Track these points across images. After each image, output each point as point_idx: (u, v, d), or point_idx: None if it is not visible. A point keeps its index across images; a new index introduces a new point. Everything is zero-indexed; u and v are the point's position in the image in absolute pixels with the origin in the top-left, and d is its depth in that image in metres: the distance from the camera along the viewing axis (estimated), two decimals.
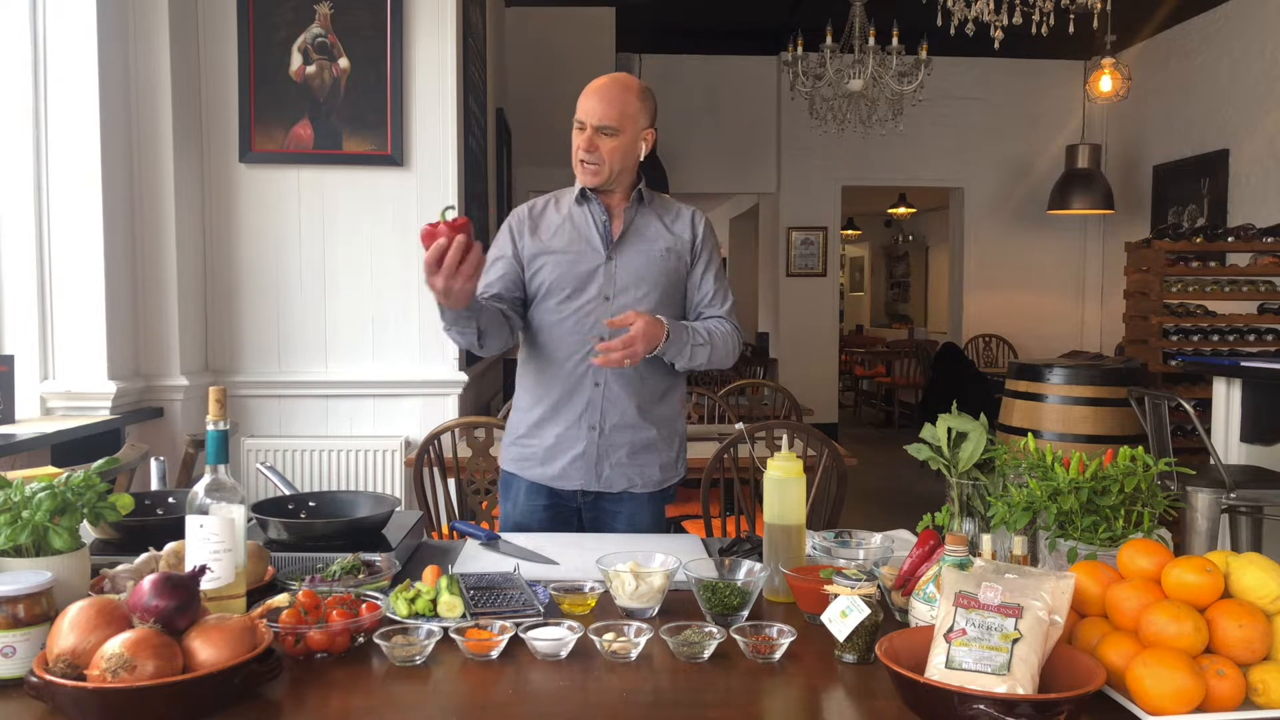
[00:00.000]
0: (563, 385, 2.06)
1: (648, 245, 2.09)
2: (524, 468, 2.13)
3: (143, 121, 3.34)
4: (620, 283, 2.05)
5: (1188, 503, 3.46)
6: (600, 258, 2.06)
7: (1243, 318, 5.34)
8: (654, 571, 1.44)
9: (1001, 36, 4.91)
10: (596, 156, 2.01)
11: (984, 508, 1.44)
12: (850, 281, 15.88)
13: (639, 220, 2.11)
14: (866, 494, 6.65)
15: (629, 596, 1.41)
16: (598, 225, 2.08)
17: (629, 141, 2.03)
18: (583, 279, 2.05)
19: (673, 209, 2.17)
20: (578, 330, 2.04)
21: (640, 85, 2.07)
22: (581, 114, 2.01)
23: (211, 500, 1.26)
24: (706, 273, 2.15)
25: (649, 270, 2.07)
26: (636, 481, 2.09)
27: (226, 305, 3.66)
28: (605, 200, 2.10)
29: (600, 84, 2.03)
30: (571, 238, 2.08)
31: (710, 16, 7.68)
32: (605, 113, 1.99)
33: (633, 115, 2.02)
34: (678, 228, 2.14)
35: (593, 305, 2.04)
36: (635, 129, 2.03)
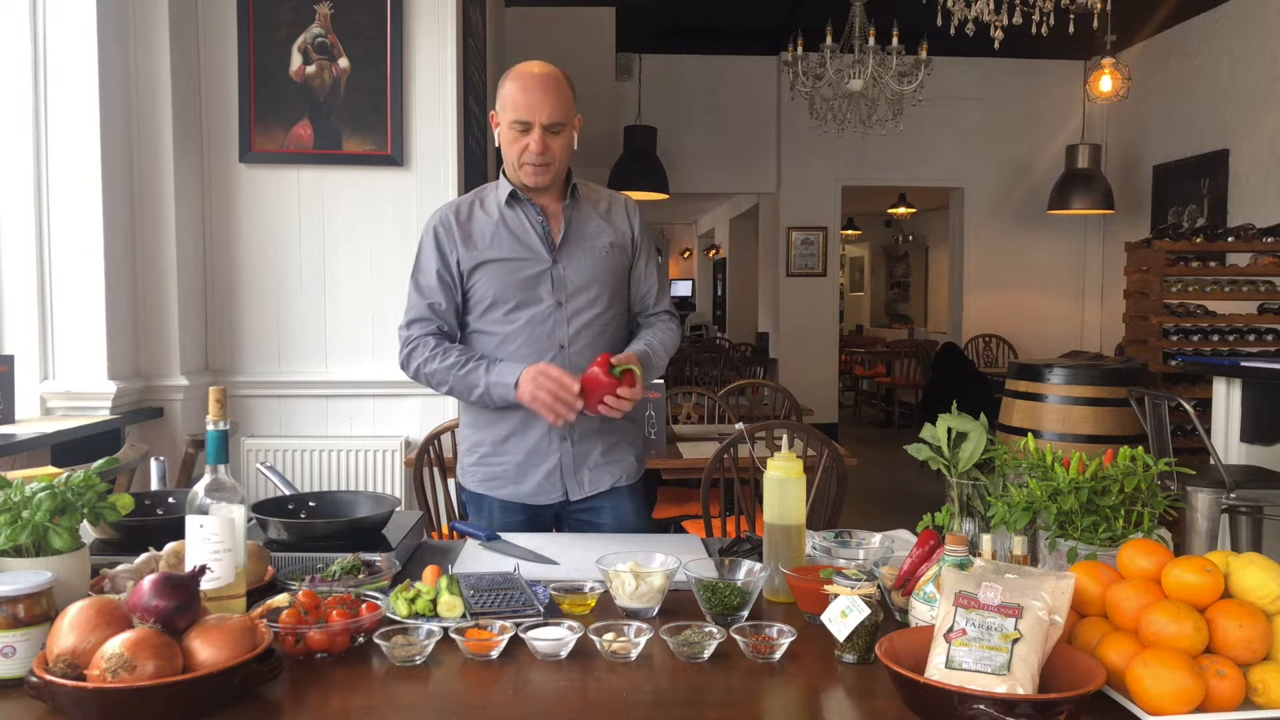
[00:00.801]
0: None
1: (591, 244, 2.00)
2: (494, 487, 2.04)
3: (143, 121, 3.34)
4: (571, 286, 1.97)
5: (1188, 503, 3.46)
6: (545, 263, 1.96)
7: (1243, 318, 5.34)
8: (654, 571, 1.44)
9: (1001, 36, 4.91)
10: (547, 156, 1.90)
11: (984, 508, 1.44)
12: (850, 281, 15.89)
13: (577, 217, 2.01)
14: (866, 494, 6.65)
15: (629, 596, 1.40)
16: (535, 228, 1.97)
17: (568, 136, 1.93)
18: (528, 287, 1.95)
19: (602, 198, 2.08)
20: (533, 341, 1.95)
21: (564, 74, 1.95)
22: (525, 113, 1.87)
23: (211, 500, 1.26)
24: (648, 265, 2.09)
25: (597, 270, 1.99)
26: (620, 476, 2.06)
27: (226, 305, 3.66)
28: (538, 199, 1.99)
29: (537, 77, 1.89)
30: (510, 244, 1.97)
31: (710, 16, 7.68)
32: (554, 109, 1.88)
33: (571, 106, 1.92)
34: (615, 219, 2.05)
35: (546, 312, 1.96)
36: (571, 121, 1.94)
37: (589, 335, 1.98)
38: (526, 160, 1.90)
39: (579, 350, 1.96)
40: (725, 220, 12.87)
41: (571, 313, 1.96)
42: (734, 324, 12.42)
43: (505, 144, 1.93)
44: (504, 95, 1.91)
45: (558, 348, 1.95)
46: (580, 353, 1.96)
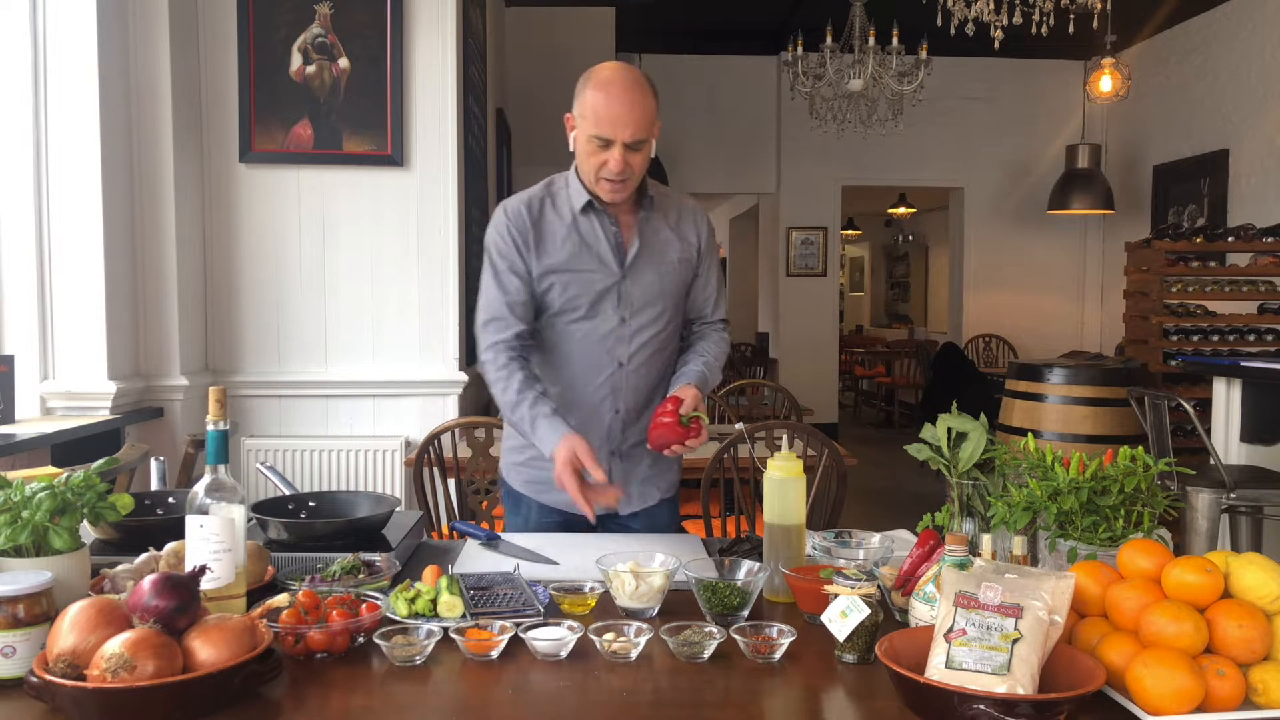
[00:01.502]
0: (580, 410, 1.93)
1: (660, 260, 1.93)
2: (537, 490, 2.00)
3: (143, 121, 3.34)
4: (636, 303, 1.91)
5: (1188, 503, 3.46)
6: (614, 276, 1.89)
7: (1243, 318, 5.34)
8: (654, 571, 1.44)
9: (1001, 36, 4.91)
10: (627, 172, 1.80)
11: (984, 508, 1.44)
12: (850, 281, 15.88)
13: (648, 230, 1.93)
14: (866, 494, 6.65)
15: (629, 597, 1.40)
16: (608, 239, 1.90)
17: (650, 147, 1.83)
18: (596, 300, 1.89)
19: (673, 206, 2.00)
20: (593, 354, 1.91)
21: (647, 78, 1.84)
22: (607, 129, 1.76)
23: (211, 500, 1.26)
24: (709, 276, 2.04)
25: (663, 286, 1.94)
26: (666, 488, 2.05)
27: (226, 305, 3.66)
28: (612, 208, 1.91)
29: (622, 90, 1.77)
30: (582, 253, 1.89)
31: (710, 16, 7.68)
32: (638, 127, 1.77)
33: (654, 117, 1.81)
34: (684, 230, 1.98)
35: (610, 328, 1.91)
36: (653, 130, 1.83)
37: (647, 353, 1.94)
38: (605, 176, 1.81)
39: (635, 368, 1.93)
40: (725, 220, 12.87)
41: (634, 329, 1.91)
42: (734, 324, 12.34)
43: (582, 154, 1.84)
44: (585, 103, 1.79)
45: (616, 364, 1.91)
46: (636, 370, 1.93)
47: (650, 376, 1.96)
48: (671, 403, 1.79)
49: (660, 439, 1.79)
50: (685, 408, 1.78)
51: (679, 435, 1.77)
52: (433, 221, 3.68)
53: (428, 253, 3.68)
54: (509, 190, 6.41)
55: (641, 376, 1.93)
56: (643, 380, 1.94)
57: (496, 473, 2.98)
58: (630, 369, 1.93)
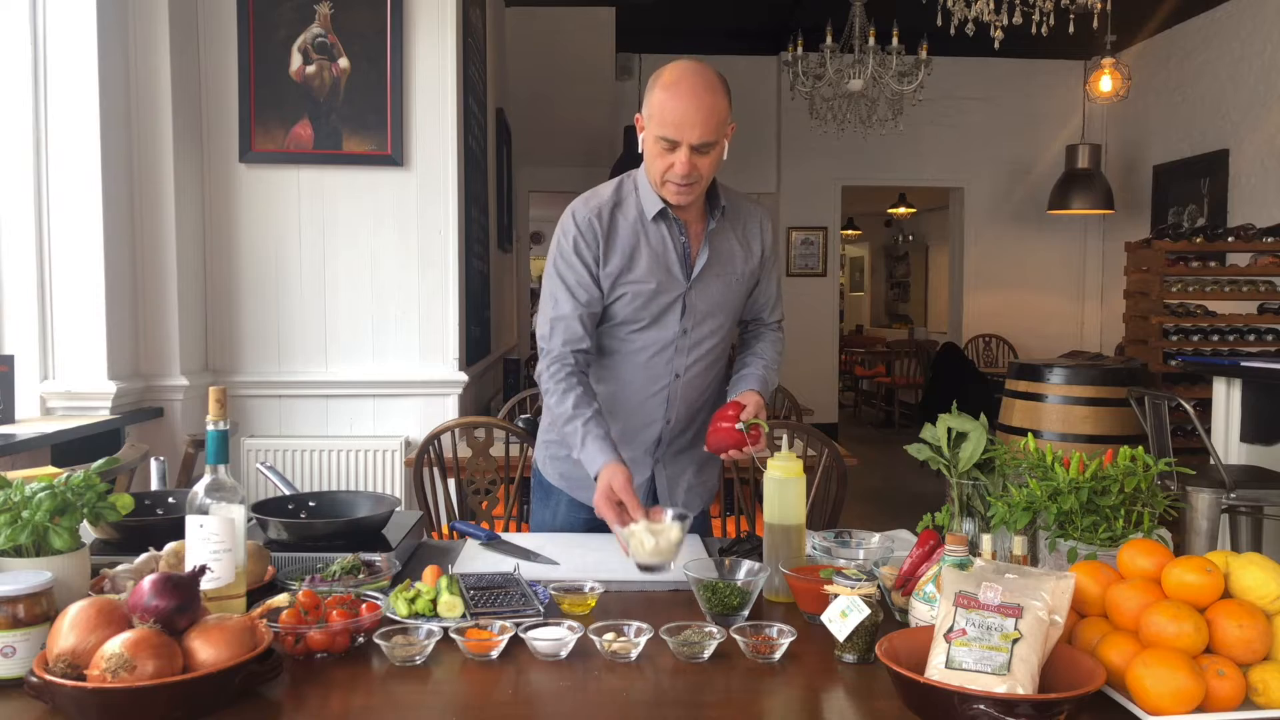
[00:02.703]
0: (630, 416, 1.92)
1: (726, 271, 1.89)
2: (572, 485, 1.98)
3: (143, 122, 3.34)
4: (698, 315, 1.88)
5: (1188, 503, 3.46)
6: (680, 288, 1.86)
7: (1243, 318, 5.34)
8: (669, 526, 1.51)
9: (1001, 36, 4.92)
10: (694, 177, 1.74)
11: (984, 508, 1.44)
12: (850, 281, 15.88)
13: (717, 241, 1.88)
14: (866, 494, 6.65)
15: (649, 554, 1.47)
16: (676, 249, 1.85)
17: (721, 150, 1.77)
18: (660, 311, 1.86)
19: (741, 213, 1.94)
20: (652, 364, 1.89)
21: (719, 76, 1.77)
22: (673, 131, 1.70)
23: (211, 500, 1.26)
24: (770, 281, 2.00)
25: (726, 299, 1.91)
26: (707, 497, 2.02)
27: (226, 305, 3.66)
28: (683, 215, 1.86)
29: (691, 89, 1.70)
30: (651, 265, 1.84)
31: (710, 16, 7.68)
32: (705, 129, 1.70)
33: (725, 119, 1.74)
34: (750, 240, 1.93)
35: (670, 339, 1.88)
36: (725, 133, 1.76)
37: (703, 364, 1.92)
38: (670, 179, 1.75)
39: (690, 379, 1.91)
40: None
41: (694, 341, 1.89)
42: None
43: (649, 155, 1.79)
44: (652, 102, 1.74)
45: (673, 376, 1.89)
46: (691, 382, 1.91)
47: (703, 387, 1.95)
48: (733, 408, 1.77)
49: (719, 443, 1.78)
50: (746, 414, 1.77)
51: (737, 440, 1.76)
52: (433, 221, 3.68)
53: (428, 253, 3.68)
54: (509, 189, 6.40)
55: (694, 388, 1.93)
56: (695, 391, 1.93)
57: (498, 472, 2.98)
58: (685, 380, 1.91)
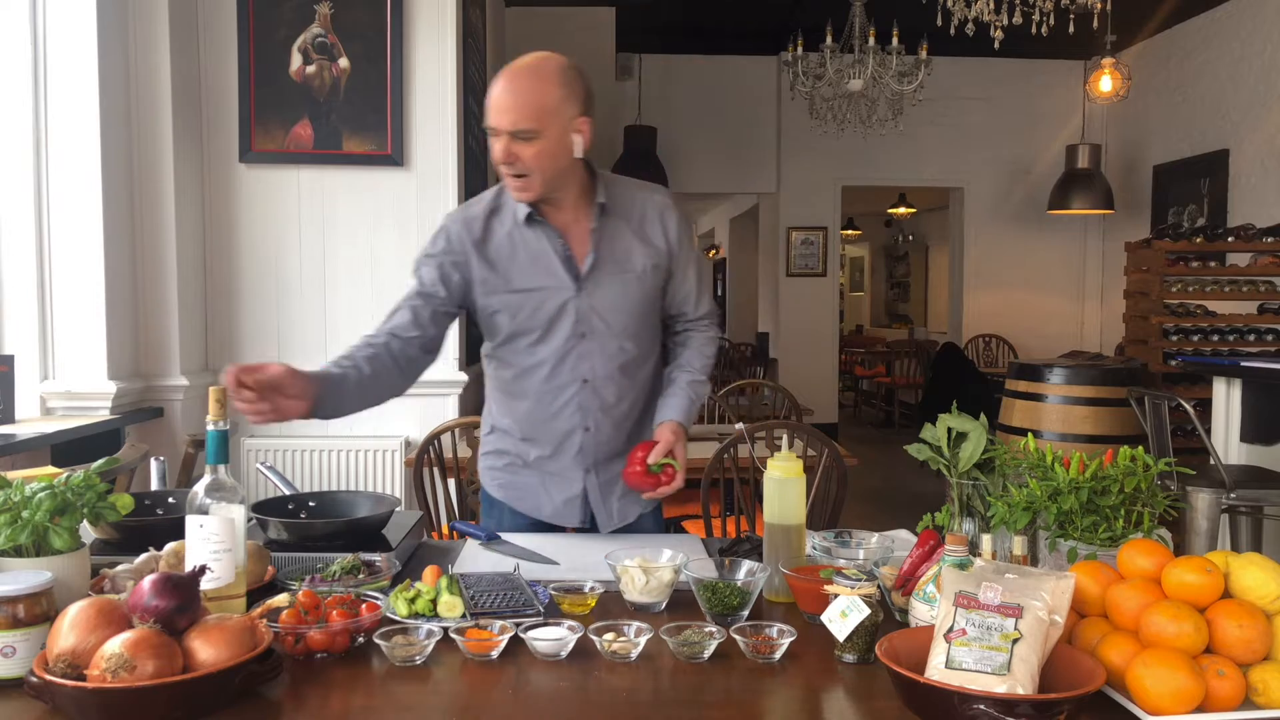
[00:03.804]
0: (548, 429, 1.86)
1: (623, 271, 1.80)
2: (511, 498, 1.94)
3: (143, 121, 3.34)
4: (597, 318, 1.80)
5: (1188, 503, 3.46)
6: (568, 292, 1.77)
7: (1243, 318, 5.34)
8: (663, 566, 1.45)
9: (1001, 36, 4.91)
10: (519, 168, 1.66)
11: (984, 508, 1.44)
12: (850, 281, 15.88)
13: (606, 240, 1.79)
14: (866, 494, 6.65)
15: (639, 591, 1.42)
16: (558, 253, 1.77)
17: (555, 142, 1.66)
18: (551, 320, 1.78)
19: (636, 206, 1.83)
20: (555, 376, 1.82)
21: (560, 66, 1.67)
22: (491, 117, 1.64)
23: (211, 500, 1.26)
24: (687, 274, 1.90)
25: (626, 299, 1.81)
26: (646, 504, 1.94)
27: (226, 305, 3.66)
28: (557, 218, 1.77)
29: (509, 75, 1.65)
30: (530, 272, 1.77)
31: (710, 16, 7.68)
32: (519, 114, 1.62)
33: (553, 109, 1.64)
34: (651, 234, 1.83)
35: (568, 346, 1.80)
36: (561, 124, 1.65)
37: (613, 367, 1.84)
38: (500, 169, 1.69)
39: (602, 384, 1.84)
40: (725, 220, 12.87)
41: (596, 346, 1.81)
42: (734, 324, 12.43)
43: None
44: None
45: (581, 382, 1.82)
46: (604, 387, 1.84)
47: (623, 390, 1.86)
48: (642, 449, 1.76)
49: (632, 484, 1.78)
50: (654, 455, 1.75)
51: (649, 484, 1.75)
52: (432, 221, 3.64)
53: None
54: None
55: (611, 392, 1.85)
56: (613, 395, 1.85)
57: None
58: (596, 385, 1.83)
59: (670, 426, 1.81)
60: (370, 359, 1.71)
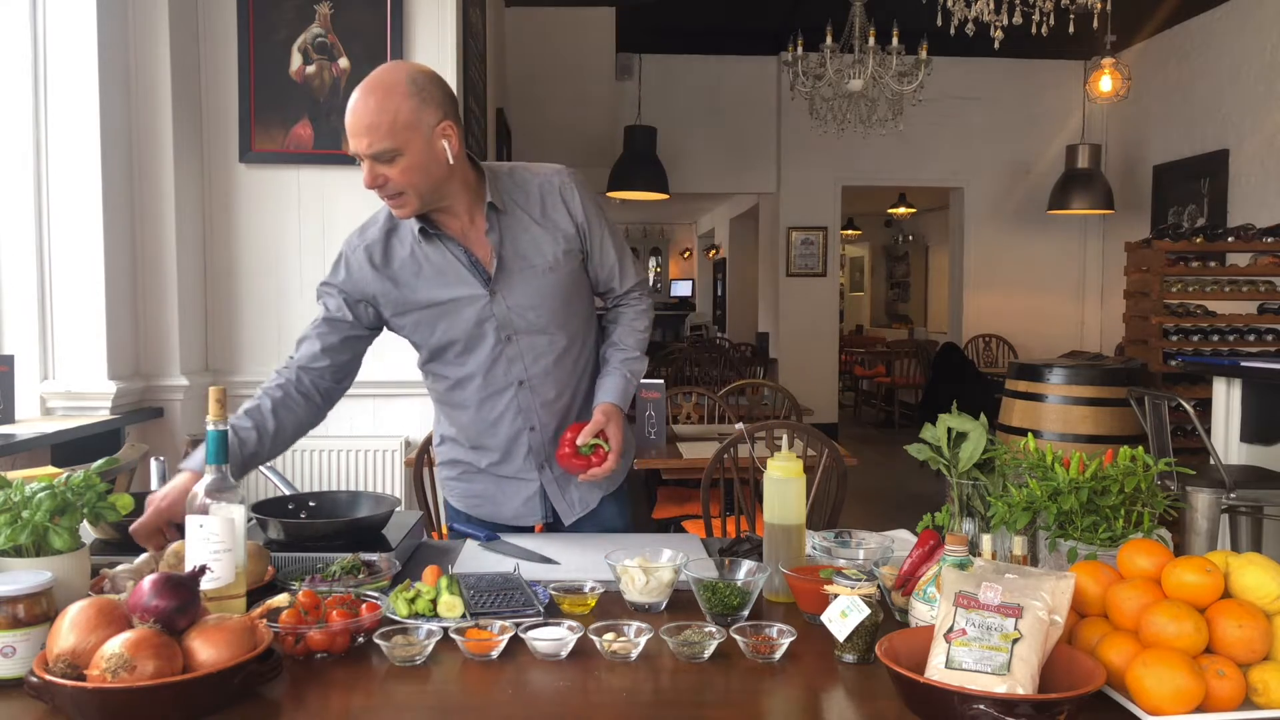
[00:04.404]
0: (495, 438, 1.87)
1: (532, 265, 1.76)
2: (472, 506, 1.95)
3: (143, 122, 3.34)
4: (517, 319, 1.78)
5: (1188, 503, 3.46)
6: (483, 299, 1.75)
7: (1243, 318, 5.34)
8: (663, 566, 1.45)
9: (1001, 36, 4.91)
10: (391, 188, 1.61)
11: (984, 508, 1.44)
12: (850, 281, 15.89)
13: (508, 237, 1.74)
14: (866, 494, 6.65)
15: (639, 592, 1.42)
16: (462, 262, 1.74)
17: (421, 155, 1.59)
18: (472, 329, 1.77)
19: (531, 194, 1.78)
20: (489, 383, 1.82)
21: (410, 75, 1.59)
22: (350, 143, 1.59)
23: (211, 500, 1.26)
24: (605, 249, 1.85)
25: (542, 293, 1.77)
26: (608, 486, 1.95)
27: (226, 305, 3.66)
28: (451, 226, 1.73)
29: (358, 96, 1.58)
30: (438, 286, 1.74)
31: (710, 16, 7.68)
32: (374, 137, 1.56)
33: (409, 122, 1.57)
34: (555, 218, 1.78)
35: (496, 352, 1.79)
36: (422, 136, 1.59)
37: (546, 363, 1.82)
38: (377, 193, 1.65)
39: (539, 383, 1.83)
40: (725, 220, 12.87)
41: (525, 347, 1.80)
42: (734, 324, 12.43)
43: None
44: None
45: (515, 384, 1.82)
46: (542, 384, 1.83)
47: (561, 384, 1.86)
48: (572, 431, 1.77)
49: (566, 468, 1.79)
50: (582, 437, 1.75)
51: (580, 465, 1.76)
52: None
53: None
54: None
55: (550, 388, 1.84)
56: (552, 391, 1.85)
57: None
58: (533, 385, 1.83)
59: (603, 408, 1.80)
60: (275, 408, 1.72)
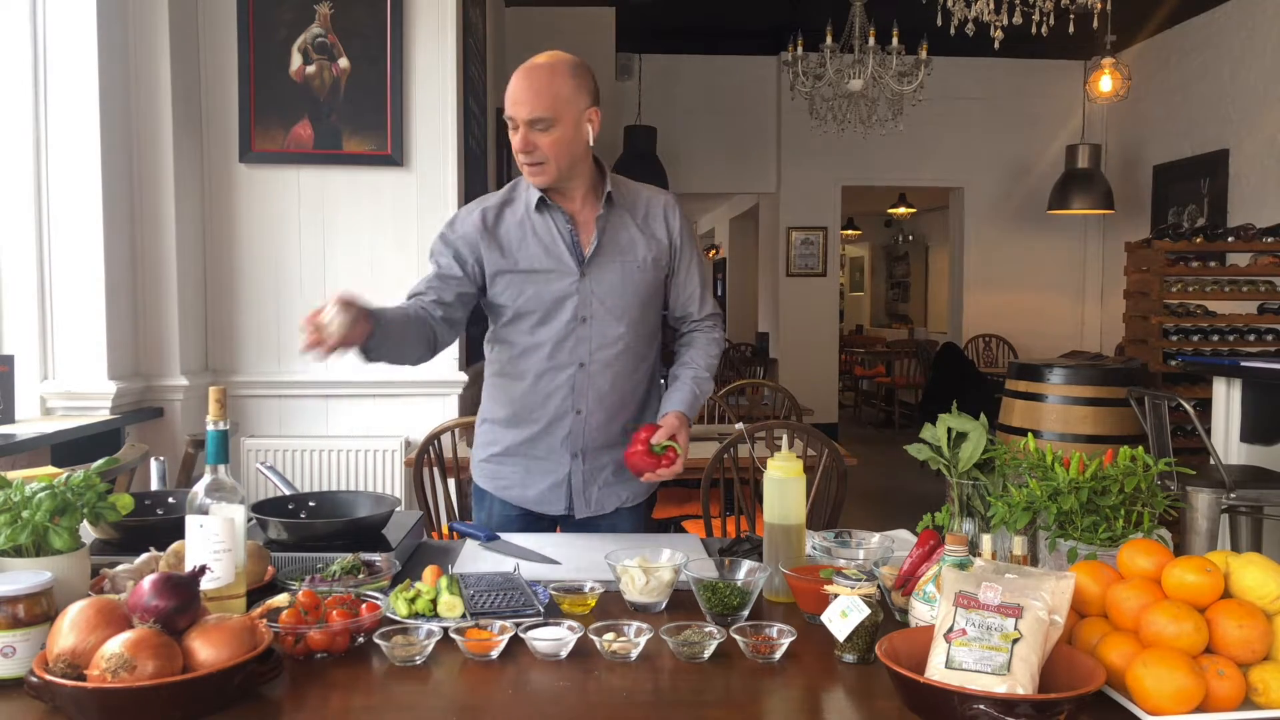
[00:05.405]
0: (541, 412, 1.92)
1: (624, 259, 1.89)
2: (499, 488, 2.00)
3: (143, 122, 3.34)
4: (597, 303, 1.88)
5: (1188, 503, 3.46)
6: (573, 276, 1.86)
7: (1243, 318, 5.34)
8: (663, 566, 1.45)
9: (1001, 36, 4.91)
10: (537, 155, 1.79)
11: (984, 508, 1.44)
12: (850, 281, 15.89)
13: (610, 228, 1.89)
14: (866, 494, 6.65)
15: (639, 592, 1.42)
16: (564, 238, 1.87)
17: (570, 131, 1.79)
18: (555, 302, 1.87)
19: (641, 202, 1.95)
20: (554, 357, 1.89)
21: (571, 62, 1.81)
22: (510, 108, 1.78)
23: (211, 500, 1.26)
24: (689, 271, 1.99)
25: (626, 287, 1.89)
26: (626, 497, 2.00)
27: (226, 305, 3.66)
28: (567, 205, 1.88)
29: (525, 71, 1.79)
30: (537, 254, 1.87)
31: (710, 16, 7.68)
32: (535, 103, 1.75)
33: (568, 99, 1.77)
34: (654, 228, 1.93)
35: (569, 329, 1.88)
36: (575, 114, 1.79)
37: (610, 354, 1.90)
38: (518, 159, 1.81)
39: (598, 370, 1.90)
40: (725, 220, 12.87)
41: (596, 330, 1.88)
42: (734, 324, 12.43)
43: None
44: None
45: (577, 365, 1.89)
46: (600, 372, 1.90)
47: (617, 379, 1.92)
48: (646, 430, 1.82)
49: (633, 466, 1.83)
50: (658, 437, 1.81)
51: (650, 464, 1.81)
52: (433, 221, 3.68)
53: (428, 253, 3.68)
54: None
55: (605, 379, 1.90)
56: (607, 382, 1.91)
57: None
58: (592, 370, 1.90)
59: (675, 414, 1.88)
60: (415, 314, 1.82)
